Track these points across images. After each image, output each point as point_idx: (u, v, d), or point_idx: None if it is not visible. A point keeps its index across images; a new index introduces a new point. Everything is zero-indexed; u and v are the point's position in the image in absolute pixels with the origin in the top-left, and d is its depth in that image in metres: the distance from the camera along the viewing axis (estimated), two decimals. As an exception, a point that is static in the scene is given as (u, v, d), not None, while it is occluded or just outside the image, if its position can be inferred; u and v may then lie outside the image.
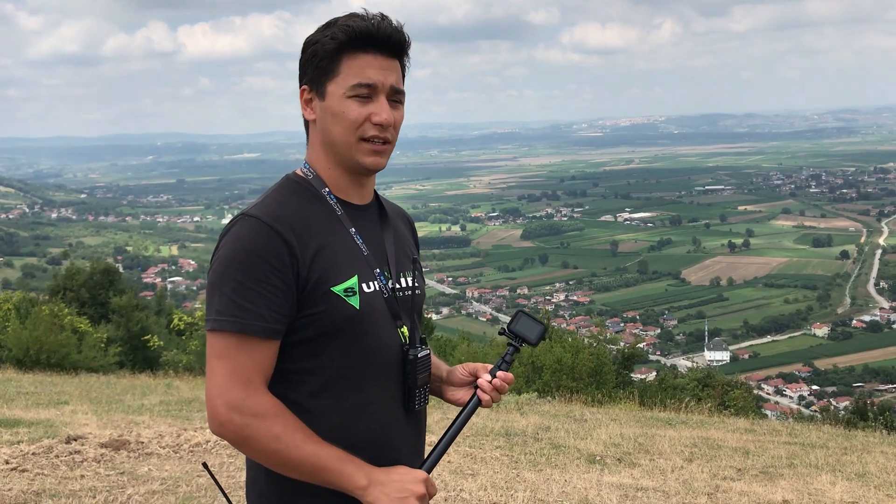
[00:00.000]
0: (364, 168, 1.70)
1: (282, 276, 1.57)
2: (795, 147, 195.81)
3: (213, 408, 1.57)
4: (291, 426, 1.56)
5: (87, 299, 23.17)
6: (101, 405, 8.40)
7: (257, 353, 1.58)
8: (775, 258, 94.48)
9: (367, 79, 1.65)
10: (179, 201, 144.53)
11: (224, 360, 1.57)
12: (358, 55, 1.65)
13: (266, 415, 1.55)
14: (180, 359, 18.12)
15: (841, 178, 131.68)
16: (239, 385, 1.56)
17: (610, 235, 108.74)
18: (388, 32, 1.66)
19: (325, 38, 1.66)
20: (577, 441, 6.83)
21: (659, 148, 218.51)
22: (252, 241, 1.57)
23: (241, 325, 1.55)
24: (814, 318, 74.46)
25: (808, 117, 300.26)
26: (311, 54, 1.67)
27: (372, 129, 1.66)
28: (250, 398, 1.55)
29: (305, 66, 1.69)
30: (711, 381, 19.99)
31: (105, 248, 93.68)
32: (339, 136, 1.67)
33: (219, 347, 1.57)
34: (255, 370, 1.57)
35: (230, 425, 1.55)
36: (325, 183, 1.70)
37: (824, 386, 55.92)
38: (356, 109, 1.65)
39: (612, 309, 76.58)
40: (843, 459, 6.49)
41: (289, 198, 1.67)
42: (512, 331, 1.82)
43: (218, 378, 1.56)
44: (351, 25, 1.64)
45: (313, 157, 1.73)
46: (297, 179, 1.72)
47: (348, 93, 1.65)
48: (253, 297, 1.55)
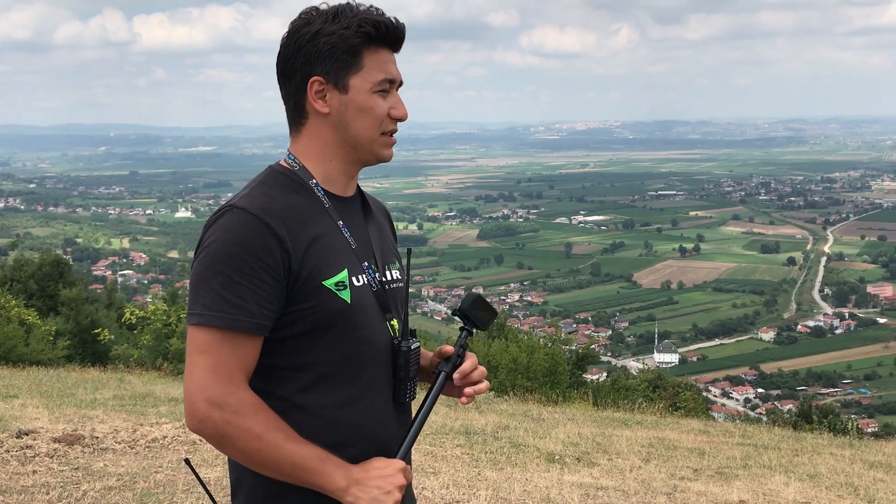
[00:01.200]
0: (380, 160, 1.71)
1: (271, 272, 1.54)
2: (746, 155, 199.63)
3: (192, 404, 1.53)
4: (273, 425, 1.53)
5: (36, 291, 22.64)
6: (52, 399, 8.21)
7: (241, 350, 1.55)
8: (724, 263, 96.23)
9: (391, 74, 1.67)
10: (132, 193, 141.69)
11: (206, 355, 1.53)
12: (378, 50, 1.66)
13: (247, 412, 1.52)
14: (131, 353, 17.79)
15: (789, 187, 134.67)
16: (220, 381, 1.52)
17: (564, 237, 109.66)
18: (402, 30, 1.69)
19: (344, 31, 1.62)
20: (537, 440, 6.88)
21: (614, 152, 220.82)
22: (241, 235, 1.53)
23: (229, 320, 1.52)
24: (760, 323, 76.01)
25: (759, 126, 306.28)
26: (329, 45, 1.62)
27: (391, 124, 1.68)
28: (231, 395, 1.52)
29: (317, 57, 1.63)
30: (662, 382, 20.34)
31: (54, 240, 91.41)
32: (364, 130, 1.66)
33: (202, 342, 1.54)
34: (238, 366, 1.54)
35: (210, 422, 1.52)
36: (311, 175, 1.68)
37: (769, 389, 57.15)
38: (382, 104, 1.66)
39: (566, 310, 77.26)
40: (795, 461, 6.65)
41: (277, 190, 1.64)
42: (464, 313, 1.78)
43: (199, 373, 1.53)
44: (380, 21, 1.64)
45: (307, 149, 1.69)
46: (283, 171, 1.69)
47: (375, 87, 1.65)
48: (242, 292, 1.52)
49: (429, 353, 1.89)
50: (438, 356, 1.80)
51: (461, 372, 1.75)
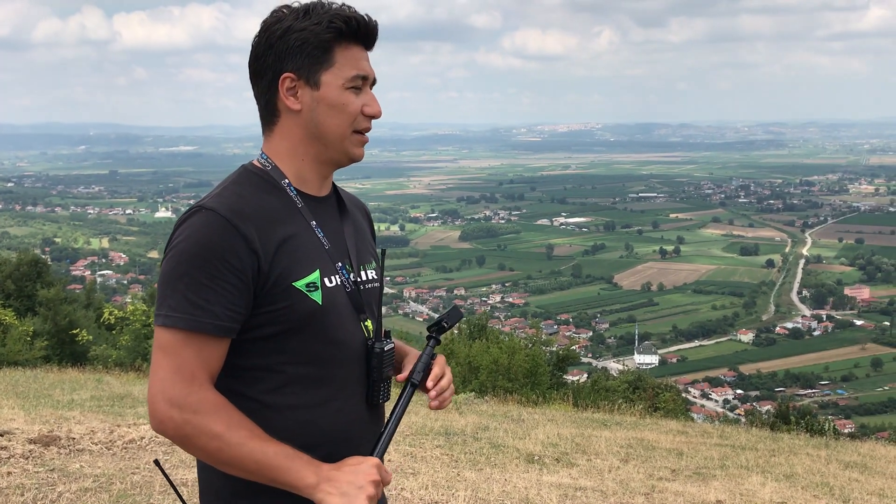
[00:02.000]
0: (351, 159, 1.69)
1: (238, 273, 1.52)
2: (726, 158, 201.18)
3: (153, 404, 1.52)
4: (235, 423, 1.51)
5: (13, 291, 22.41)
6: (28, 400, 8.12)
7: (205, 351, 1.53)
8: (704, 265, 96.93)
9: (364, 70, 1.65)
10: (112, 193, 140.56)
11: (169, 356, 1.52)
12: (350, 46, 1.64)
13: (207, 411, 1.50)
14: (110, 353, 17.67)
15: (769, 190, 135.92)
16: (182, 381, 1.51)
17: (546, 239, 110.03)
18: (374, 27, 1.67)
19: (315, 27, 1.60)
20: (516, 441, 6.89)
21: (595, 154, 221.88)
22: (208, 236, 1.52)
23: (193, 322, 1.51)
24: (740, 325, 76.62)
25: (739, 129, 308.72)
26: (300, 42, 1.60)
27: (365, 121, 1.67)
28: (192, 395, 1.51)
29: (287, 54, 1.61)
30: (642, 383, 20.40)
31: (32, 239, 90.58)
32: (336, 127, 1.64)
33: (166, 343, 1.52)
34: (201, 367, 1.53)
35: (170, 422, 1.51)
36: (284, 174, 1.66)
37: (748, 390, 57.64)
38: (355, 101, 1.64)
39: (547, 311, 77.53)
40: (771, 461, 6.70)
41: (248, 189, 1.62)
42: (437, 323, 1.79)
43: (161, 373, 1.52)
44: (351, 17, 1.62)
45: (279, 148, 1.67)
46: (255, 170, 1.67)
47: (347, 84, 1.63)
48: (207, 294, 1.51)
49: (408, 350, 1.88)
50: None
51: (433, 378, 1.74)
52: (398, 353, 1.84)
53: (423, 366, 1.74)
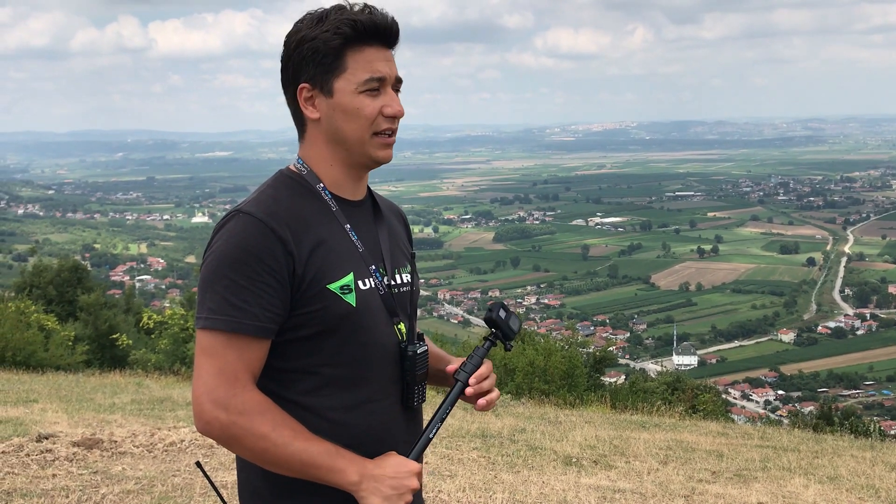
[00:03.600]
0: (376, 162, 1.69)
1: (276, 275, 1.55)
2: (764, 155, 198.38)
3: (198, 406, 1.54)
4: (280, 422, 1.54)
5: (55, 297, 22.84)
6: (71, 403, 8.27)
7: (247, 352, 1.56)
8: (743, 264, 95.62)
9: (377, 72, 1.64)
10: (149, 199, 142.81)
11: (212, 358, 1.54)
12: (363, 49, 1.63)
13: (252, 412, 1.53)
14: (149, 358, 17.91)
15: (808, 187, 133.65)
16: (226, 383, 1.53)
17: (581, 239, 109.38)
18: (388, 24, 1.65)
19: (324, 34, 1.61)
20: (553, 443, 6.85)
21: (630, 153, 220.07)
22: (246, 239, 1.55)
23: (233, 324, 1.53)
24: (780, 324, 75.44)
25: (776, 125, 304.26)
26: (311, 51, 1.62)
27: (385, 123, 1.66)
28: (237, 396, 1.53)
29: (302, 64, 1.63)
30: (681, 384, 20.17)
31: (73, 246, 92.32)
32: (354, 132, 1.65)
33: (208, 345, 1.55)
34: (244, 368, 1.55)
35: (216, 423, 1.53)
36: (319, 178, 1.68)
37: (790, 391, 56.71)
38: (370, 104, 1.64)
39: (583, 312, 77.03)
40: (814, 463, 6.58)
41: (284, 193, 1.65)
42: (495, 322, 1.76)
43: (205, 376, 1.54)
44: (356, 19, 1.62)
45: (310, 154, 1.70)
46: (291, 175, 1.70)
47: (360, 88, 1.63)
48: (246, 295, 1.53)
49: (444, 355, 1.88)
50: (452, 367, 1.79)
51: (477, 377, 1.74)
52: (440, 360, 1.85)
53: (472, 367, 1.73)
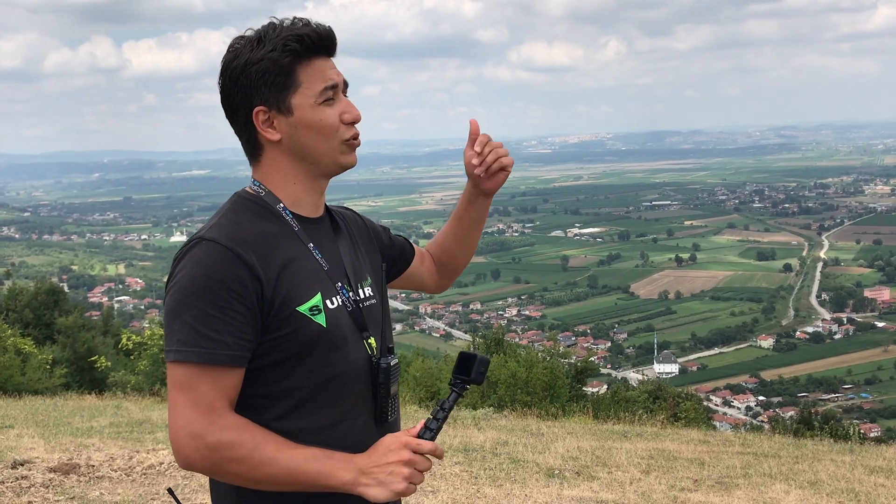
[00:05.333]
0: (344, 168, 1.70)
1: (245, 302, 1.52)
2: (739, 163, 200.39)
3: (177, 441, 1.51)
4: (261, 440, 1.52)
5: (32, 320, 22.52)
6: (48, 428, 8.14)
7: (221, 381, 1.53)
8: (721, 271, 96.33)
9: (331, 80, 1.63)
10: (127, 219, 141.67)
11: (187, 392, 1.51)
12: (312, 61, 1.62)
13: (231, 437, 1.51)
14: (129, 379, 17.71)
15: (783, 194, 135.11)
16: (202, 414, 1.51)
17: (560, 250, 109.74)
18: (329, 33, 1.65)
19: (271, 54, 1.58)
20: (536, 455, 6.84)
21: (607, 164, 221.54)
22: (212, 267, 1.51)
23: (205, 355, 1.50)
24: (759, 330, 76.00)
25: (750, 134, 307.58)
26: (260, 73, 1.59)
27: (348, 130, 1.66)
28: (215, 423, 1.51)
29: (252, 88, 1.60)
30: (662, 393, 20.24)
31: (49, 268, 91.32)
32: (320, 145, 1.64)
33: (181, 378, 1.52)
34: (219, 396, 1.53)
35: (196, 456, 1.51)
36: (278, 198, 1.66)
37: (770, 396, 57.09)
38: (331, 114, 1.63)
39: (564, 323, 77.18)
40: (795, 468, 6.61)
41: (244, 217, 1.62)
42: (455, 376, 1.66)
43: (180, 409, 1.51)
44: (303, 34, 1.60)
45: (269, 174, 1.67)
46: (249, 197, 1.68)
47: (318, 100, 1.62)
48: (216, 324, 1.50)
49: None
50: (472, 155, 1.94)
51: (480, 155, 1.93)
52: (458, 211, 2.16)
53: (443, 413, 1.62)
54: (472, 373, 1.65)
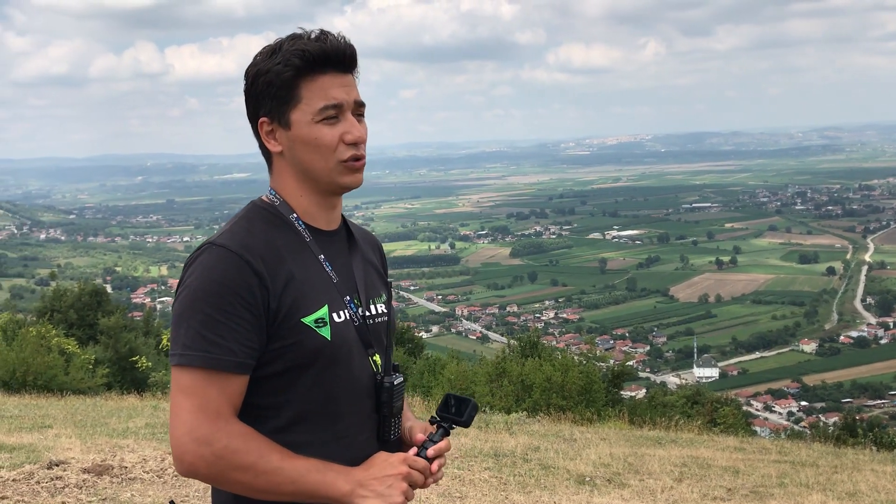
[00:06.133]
0: (344, 189, 1.67)
1: (252, 309, 1.52)
2: (781, 165, 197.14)
3: (180, 446, 1.50)
4: (266, 450, 1.52)
5: (75, 320, 22.95)
6: (85, 429, 8.29)
7: (227, 388, 1.53)
8: (762, 275, 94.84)
9: (333, 99, 1.61)
10: (169, 221, 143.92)
11: (191, 397, 1.51)
12: (317, 77, 1.60)
13: (237, 445, 1.51)
14: (168, 380, 17.95)
15: (826, 196, 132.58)
16: (208, 419, 1.50)
17: (598, 253, 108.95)
18: (341, 49, 1.62)
19: (276, 66, 1.59)
20: (567, 462, 6.78)
21: (646, 166, 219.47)
22: (221, 273, 1.52)
23: (210, 360, 1.50)
24: (801, 335, 74.64)
25: (792, 135, 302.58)
26: (265, 84, 1.60)
27: (348, 151, 1.63)
28: (221, 430, 1.50)
29: (259, 98, 1.62)
30: (701, 398, 19.98)
31: (94, 269, 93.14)
32: (317, 162, 1.62)
33: (185, 383, 1.51)
34: (224, 402, 1.52)
35: (201, 462, 1.50)
36: (292, 209, 1.66)
37: (813, 402, 56.01)
38: (328, 133, 1.61)
39: (602, 326, 76.59)
40: (833, 478, 6.47)
41: (257, 225, 1.62)
42: (439, 414, 1.70)
43: (184, 414, 1.51)
44: (305, 49, 1.59)
45: (280, 185, 1.68)
46: (264, 206, 1.68)
47: (316, 117, 1.60)
48: (222, 330, 1.50)
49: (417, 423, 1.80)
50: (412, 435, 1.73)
51: (436, 450, 1.65)
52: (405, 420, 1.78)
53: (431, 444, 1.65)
54: (464, 416, 1.69)
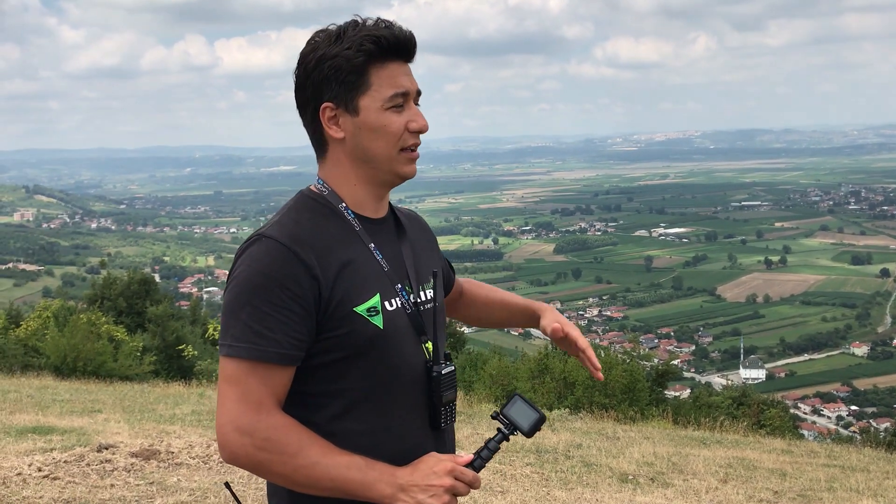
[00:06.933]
0: (401, 178, 1.67)
1: (300, 301, 1.52)
2: (834, 163, 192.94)
3: (223, 435, 1.53)
4: (307, 442, 1.52)
5: (124, 308, 23.42)
6: (133, 414, 8.45)
7: (271, 379, 1.54)
8: (813, 275, 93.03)
9: (402, 87, 1.62)
10: (216, 213, 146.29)
11: (236, 386, 1.53)
12: (386, 64, 1.61)
13: (278, 435, 1.51)
14: (214, 368, 18.24)
15: (881, 195, 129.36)
16: (250, 409, 1.52)
17: (644, 251, 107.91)
18: (409, 38, 1.63)
19: (346, 52, 1.58)
20: (610, 459, 6.72)
21: (694, 163, 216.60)
22: (269, 265, 1.53)
23: (257, 352, 1.51)
24: (853, 337, 73.07)
25: (847, 133, 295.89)
26: (333, 69, 1.58)
27: (411, 138, 1.64)
28: (262, 420, 1.52)
29: (323, 83, 1.60)
30: (747, 399, 19.66)
31: (143, 258, 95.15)
32: (382, 149, 1.62)
33: (231, 372, 1.53)
34: (268, 394, 1.54)
35: (242, 451, 1.52)
36: (341, 198, 1.66)
37: (864, 406, 54.83)
38: (396, 120, 1.61)
39: (646, 325, 75.89)
40: (885, 484, 6.31)
41: (306, 215, 1.63)
42: (505, 415, 1.67)
43: (228, 403, 1.53)
44: (379, 35, 1.59)
45: (333, 173, 1.68)
46: (313, 196, 1.68)
47: (386, 104, 1.60)
48: (270, 322, 1.51)
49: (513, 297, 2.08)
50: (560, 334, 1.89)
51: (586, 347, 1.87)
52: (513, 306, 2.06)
53: (488, 453, 1.64)
54: (527, 428, 1.66)
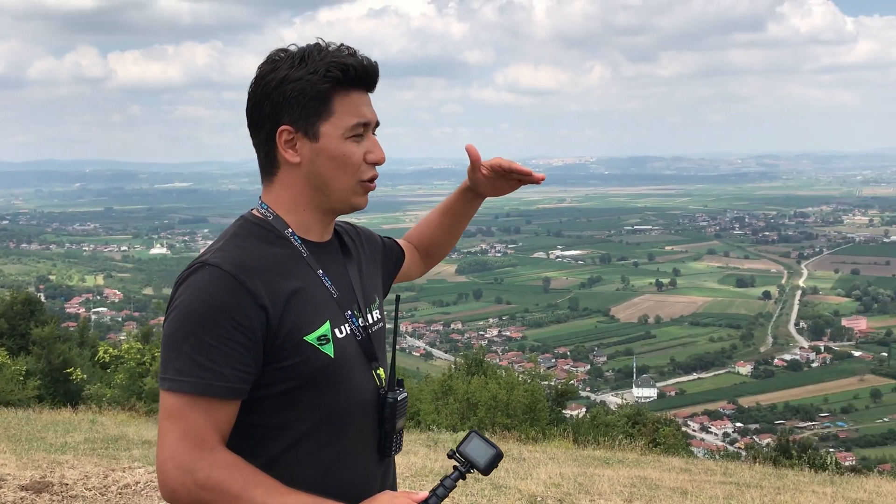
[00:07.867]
0: (354, 209, 1.63)
1: (246, 332, 1.46)
2: (720, 190, 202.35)
3: (163, 472, 1.45)
4: (251, 481, 1.45)
5: (6, 330, 22.22)
6: (20, 443, 7.98)
7: (215, 414, 1.47)
8: (700, 297, 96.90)
9: (364, 117, 1.58)
10: (107, 230, 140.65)
11: (177, 422, 1.45)
12: (350, 93, 1.57)
13: (220, 475, 1.44)
14: (104, 392, 17.45)
15: (763, 221, 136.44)
16: (191, 446, 1.44)
17: (542, 272, 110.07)
18: (375, 69, 1.60)
19: (311, 76, 1.52)
20: (518, 481, 6.77)
21: (590, 188, 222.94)
22: (214, 294, 1.45)
23: (201, 386, 1.44)
24: (737, 357, 76.40)
25: (732, 161, 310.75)
26: (296, 92, 1.52)
27: (369, 170, 1.60)
28: (204, 459, 1.44)
29: (283, 105, 1.53)
30: (641, 418, 20.21)
31: (27, 277, 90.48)
32: (338, 179, 1.57)
33: (172, 408, 1.46)
34: (211, 430, 1.46)
35: (182, 490, 1.44)
36: (287, 224, 1.60)
37: (748, 423, 57.33)
38: (356, 150, 1.58)
39: (544, 345, 77.26)
40: (777, 499, 6.59)
41: (250, 242, 1.55)
42: (461, 453, 1.62)
43: (169, 440, 1.45)
44: (346, 63, 1.55)
45: (280, 198, 1.61)
46: (256, 221, 1.60)
47: (347, 133, 1.56)
48: (214, 355, 1.44)
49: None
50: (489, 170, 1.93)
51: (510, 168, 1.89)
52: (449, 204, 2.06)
53: (444, 490, 1.60)
54: (483, 465, 1.62)
